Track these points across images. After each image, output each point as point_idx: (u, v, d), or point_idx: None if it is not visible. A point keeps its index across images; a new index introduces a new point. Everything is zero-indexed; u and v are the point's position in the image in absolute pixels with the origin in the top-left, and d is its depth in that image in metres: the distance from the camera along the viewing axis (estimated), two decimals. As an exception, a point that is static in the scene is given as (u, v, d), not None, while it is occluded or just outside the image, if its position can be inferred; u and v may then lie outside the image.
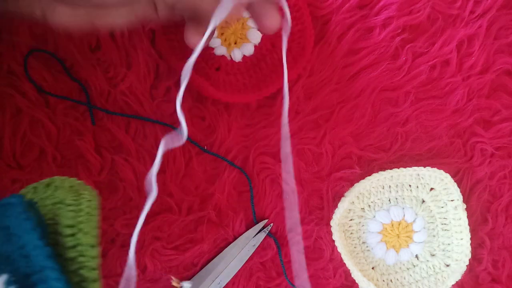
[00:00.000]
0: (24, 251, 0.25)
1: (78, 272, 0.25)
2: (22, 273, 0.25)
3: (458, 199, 0.42)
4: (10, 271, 0.25)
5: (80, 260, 0.26)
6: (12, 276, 0.25)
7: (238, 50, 0.41)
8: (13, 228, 0.26)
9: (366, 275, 0.42)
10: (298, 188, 0.42)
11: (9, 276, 0.25)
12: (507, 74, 0.45)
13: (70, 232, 0.26)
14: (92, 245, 0.26)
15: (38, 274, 0.25)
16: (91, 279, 0.25)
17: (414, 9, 0.43)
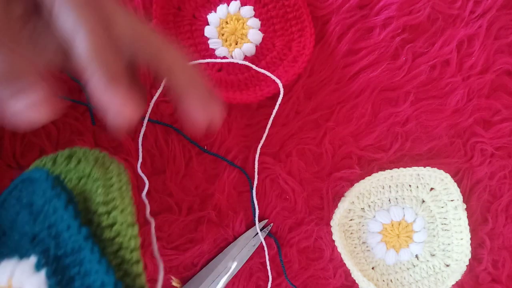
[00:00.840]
0: (53, 230, 0.23)
1: (118, 254, 0.23)
2: (53, 255, 0.23)
3: (458, 199, 0.42)
4: (39, 252, 0.23)
5: (119, 241, 0.23)
6: (42, 258, 0.23)
7: (239, 50, 0.41)
8: (39, 206, 0.24)
9: (366, 275, 0.42)
10: (298, 188, 0.42)
11: (39, 257, 0.23)
12: (507, 74, 0.45)
13: (104, 210, 0.23)
14: (130, 223, 0.24)
15: (72, 256, 0.22)
16: (132, 261, 0.23)
17: (414, 9, 0.43)
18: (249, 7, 0.41)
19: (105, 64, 0.22)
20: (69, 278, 0.22)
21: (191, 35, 0.41)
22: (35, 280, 0.22)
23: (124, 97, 0.22)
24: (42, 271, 0.22)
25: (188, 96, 0.27)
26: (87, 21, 0.22)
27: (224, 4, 0.41)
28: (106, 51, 0.23)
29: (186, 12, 0.41)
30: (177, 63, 0.27)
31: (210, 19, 0.41)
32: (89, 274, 0.22)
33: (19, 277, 0.22)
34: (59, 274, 0.22)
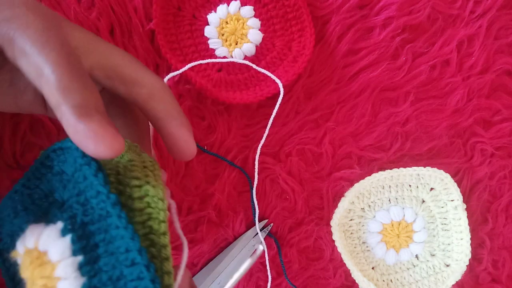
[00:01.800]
0: (81, 198, 0.23)
1: (146, 224, 0.23)
2: (79, 222, 0.23)
3: (458, 199, 0.42)
4: (66, 218, 0.24)
5: (149, 211, 0.23)
6: (69, 224, 0.23)
7: (239, 50, 0.41)
8: (69, 174, 0.24)
9: (366, 275, 0.42)
10: (298, 188, 0.42)
11: (65, 223, 0.23)
12: (507, 74, 0.45)
13: (137, 183, 0.24)
14: (161, 197, 0.24)
15: (98, 224, 0.23)
16: (160, 232, 0.23)
17: (414, 9, 0.43)
18: (249, 7, 0.41)
19: (73, 98, 0.21)
20: (93, 244, 0.23)
21: (191, 35, 0.41)
22: (60, 244, 0.23)
23: (97, 132, 0.21)
24: (68, 237, 0.23)
25: (172, 122, 0.26)
26: (49, 59, 0.21)
27: (224, 4, 0.41)
28: (74, 85, 0.21)
29: (186, 12, 0.41)
30: (157, 88, 0.25)
31: (210, 19, 0.41)
32: (114, 240, 0.22)
33: (45, 240, 0.23)
34: (83, 240, 0.23)
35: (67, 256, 0.23)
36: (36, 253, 0.23)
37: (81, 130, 0.21)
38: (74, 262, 0.23)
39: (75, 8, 0.38)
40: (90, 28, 0.38)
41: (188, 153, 0.26)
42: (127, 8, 0.40)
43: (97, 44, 0.25)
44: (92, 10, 0.38)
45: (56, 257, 0.23)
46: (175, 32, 0.41)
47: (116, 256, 0.22)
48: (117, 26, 0.39)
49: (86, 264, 0.23)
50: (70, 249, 0.23)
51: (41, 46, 0.21)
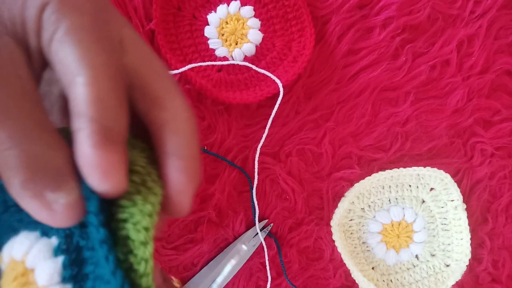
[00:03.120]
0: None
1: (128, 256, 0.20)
2: (75, 243, 0.20)
3: (458, 199, 0.42)
4: (62, 235, 0.20)
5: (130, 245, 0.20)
6: (64, 244, 0.20)
7: (239, 50, 0.41)
8: None
9: (366, 275, 0.42)
10: (298, 188, 0.42)
11: (61, 241, 0.20)
12: (507, 74, 0.45)
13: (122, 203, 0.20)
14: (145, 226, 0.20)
15: (92, 252, 0.20)
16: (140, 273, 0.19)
17: (414, 9, 0.43)
18: (249, 7, 0.41)
19: (104, 118, 0.18)
20: (84, 275, 0.20)
21: (191, 35, 0.41)
22: (50, 266, 0.20)
23: (113, 163, 0.18)
24: (60, 258, 0.20)
25: (175, 162, 0.20)
26: (93, 60, 0.18)
27: (224, 4, 0.41)
28: (110, 102, 0.18)
29: (186, 12, 0.41)
30: (179, 117, 0.20)
31: (210, 19, 0.41)
32: (102, 280, 0.19)
33: (35, 256, 0.20)
34: (76, 267, 0.20)
35: (56, 283, 0.20)
36: (21, 268, 0.20)
37: (95, 156, 0.17)
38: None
39: (75, 8, 0.38)
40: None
41: (177, 209, 0.20)
42: (127, 8, 0.40)
43: (138, 47, 0.21)
44: (92, 10, 0.38)
45: (43, 281, 0.20)
46: (175, 32, 0.41)
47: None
48: (117, 26, 0.39)
49: None
50: (60, 275, 0.20)
51: (90, 39, 0.18)
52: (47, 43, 0.18)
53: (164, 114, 0.20)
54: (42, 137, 0.17)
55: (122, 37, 0.20)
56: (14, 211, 0.22)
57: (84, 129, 0.17)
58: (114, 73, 0.18)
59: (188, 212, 0.21)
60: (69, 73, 0.18)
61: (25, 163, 0.17)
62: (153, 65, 0.21)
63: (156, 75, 0.21)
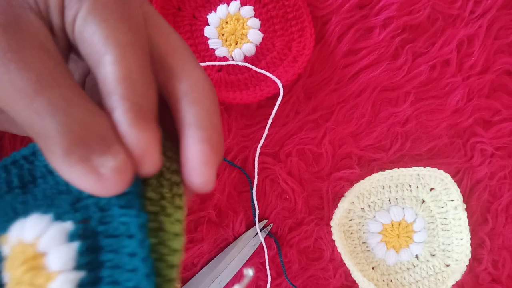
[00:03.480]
0: (103, 200, 0.19)
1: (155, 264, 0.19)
2: (92, 229, 0.19)
3: (458, 199, 0.42)
4: (78, 219, 0.19)
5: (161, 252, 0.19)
6: (81, 229, 0.19)
7: (239, 50, 0.41)
8: None
9: (366, 275, 0.42)
10: (298, 188, 0.42)
11: (77, 227, 0.19)
12: (507, 74, 0.45)
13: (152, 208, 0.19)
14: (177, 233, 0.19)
15: (112, 239, 0.19)
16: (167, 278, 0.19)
17: (414, 9, 0.43)
18: (249, 7, 0.41)
19: (135, 95, 0.17)
20: (99, 263, 0.19)
21: (191, 35, 0.41)
22: (65, 251, 0.19)
23: (150, 141, 0.18)
24: (75, 244, 0.19)
25: (196, 133, 0.19)
26: (119, 38, 0.17)
27: (224, 4, 0.41)
28: (139, 80, 0.18)
29: (186, 12, 0.41)
30: (199, 87, 0.20)
31: (210, 19, 0.41)
32: (123, 268, 0.18)
33: (49, 240, 0.19)
34: (91, 254, 0.19)
35: (69, 269, 0.19)
36: (32, 252, 0.19)
37: (133, 133, 0.17)
38: (75, 278, 0.19)
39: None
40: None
41: (199, 181, 0.19)
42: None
43: (157, 22, 0.20)
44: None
45: (57, 266, 0.19)
46: (175, 32, 0.41)
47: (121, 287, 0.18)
48: (117, 26, 0.39)
49: (87, 285, 0.19)
50: (74, 261, 0.19)
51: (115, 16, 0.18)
52: (71, 22, 0.18)
53: (184, 85, 0.20)
54: (83, 103, 0.17)
55: (143, 13, 0.20)
56: (18, 193, 0.21)
57: (118, 108, 0.17)
58: (140, 50, 0.18)
59: (212, 187, 0.20)
60: (95, 52, 0.17)
61: (69, 128, 0.16)
62: (172, 38, 0.21)
63: (175, 48, 0.20)
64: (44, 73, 0.17)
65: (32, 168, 0.21)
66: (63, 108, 0.16)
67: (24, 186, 0.21)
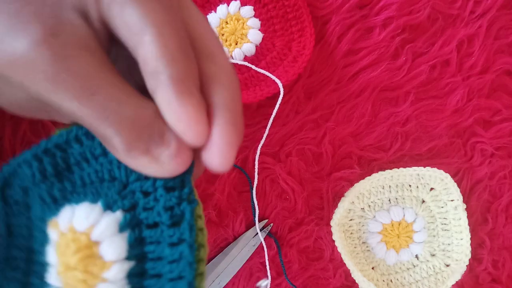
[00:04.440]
0: (147, 183, 0.19)
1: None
2: (137, 217, 0.19)
3: (458, 199, 0.42)
4: (127, 207, 0.19)
5: None
6: (129, 218, 0.19)
7: (239, 50, 0.41)
8: None
9: (366, 275, 0.42)
10: (298, 188, 0.42)
11: (126, 216, 0.19)
12: (507, 74, 0.45)
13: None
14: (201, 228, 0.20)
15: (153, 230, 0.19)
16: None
17: (414, 9, 0.43)
18: (249, 7, 0.41)
19: (177, 71, 0.18)
20: (144, 253, 0.19)
21: (191, 35, 0.41)
22: (118, 241, 0.19)
23: (196, 113, 0.18)
24: (126, 234, 0.19)
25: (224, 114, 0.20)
26: (156, 18, 0.18)
27: (224, 4, 0.41)
28: (179, 55, 0.18)
29: (186, 12, 0.41)
30: (226, 70, 0.21)
31: (210, 19, 0.41)
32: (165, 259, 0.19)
33: (103, 230, 0.19)
34: (139, 245, 0.19)
35: (122, 258, 0.19)
36: (86, 240, 0.19)
37: (179, 107, 0.18)
38: (127, 268, 0.19)
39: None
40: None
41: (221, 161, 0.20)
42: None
43: (189, 5, 0.21)
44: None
45: (111, 256, 0.19)
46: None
47: (163, 282, 0.18)
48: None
49: (135, 275, 0.19)
50: (126, 251, 0.19)
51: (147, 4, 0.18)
52: (107, 7, 0.18)
53: (214, 67, 0.20)
54: (130, 99, 0.18)
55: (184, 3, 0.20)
56: (53, 181, 0.21)
57: (163, 85, 0.18)
58: (178, 28, 0.19)
59: (230, 167, 0.21)
60: (134, 34, 0.18)
61: (124, 127, 0.18)
62: (202, 21, 0.21)
63: (207, 31, 0.21)
64: (91, 77, 0.17)
65: (66, 156, 0.21)
66: (114, 109, 0.17)
67: (59, 174, 0.21)
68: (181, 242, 0.19)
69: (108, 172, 0.20)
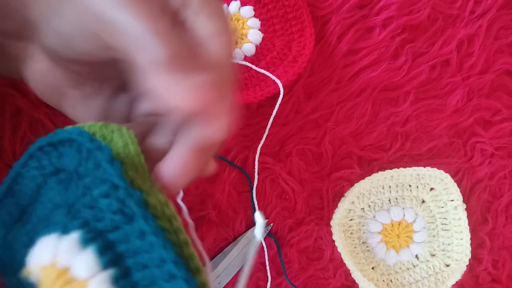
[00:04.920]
0: (86, 198, 0.19)
1: None
2: (95, 229, 0.19)
3: (458, 199, 0.42)
4: (78, 226, 0.19)
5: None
6: (86, 233, 0.19)
7: (239, 50, 0.41)
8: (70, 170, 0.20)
9: (366, 275, 0.42)
10: (298, 188, 0.42)
11: (82, 232, 0.19)
12: (507, 74, 0.45)
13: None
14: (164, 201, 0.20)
15: (116, 232, 0.19)
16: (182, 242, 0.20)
17: (414, 9, 0.43)
18: (249, 7, 0.41)
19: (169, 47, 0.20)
20: (120, 255, 0.19)
21: (191, 35, 0.41)
22: (84, 258, 0.19)
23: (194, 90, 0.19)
24: (90, 248, 0.19)
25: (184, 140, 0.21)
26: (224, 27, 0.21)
27: (224, 4, 0.41)
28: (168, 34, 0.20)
29: (186, 12, 0.41)
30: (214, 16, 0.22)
31: (210, 19, 0.41)
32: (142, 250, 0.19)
33: (65, 255, 0.19)
34: (109, 250, 0.19)
35: (97, 271, 0.19)
36: (56, 271, 0.19)
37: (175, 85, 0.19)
38: (107, 277, 0.19)
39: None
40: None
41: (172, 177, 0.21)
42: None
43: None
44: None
45: (84, 274, 0.19)
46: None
47: (151, 270, 0.19)
48: (117, 26, 0.39)
49: (121, 278, 0.19)
50: (97, 263, 0.19)
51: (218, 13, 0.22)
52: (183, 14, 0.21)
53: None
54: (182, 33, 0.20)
55: None
56: (18, 227, 0.22)
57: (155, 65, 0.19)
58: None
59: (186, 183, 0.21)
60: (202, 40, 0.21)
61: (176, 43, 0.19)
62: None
63: None
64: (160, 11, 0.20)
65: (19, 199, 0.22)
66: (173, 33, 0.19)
67: (20, 220, 0.22)
68: (144, 234, 0.19)
69: (52, 201, 0.21)
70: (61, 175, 0.21)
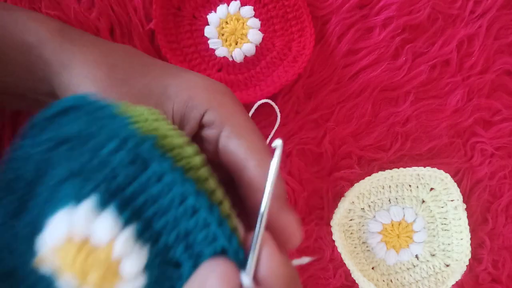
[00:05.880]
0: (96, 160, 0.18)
1: None
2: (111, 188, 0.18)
3: (458, 199, 0.42)
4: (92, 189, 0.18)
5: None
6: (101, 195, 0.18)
7: (239, 50, 0.41)
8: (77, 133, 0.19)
9: (366, 275, 0.42)
10: (298, 188, 0.42)
11: (97, 196, 0.18)
12: (507, 74, 0.45)
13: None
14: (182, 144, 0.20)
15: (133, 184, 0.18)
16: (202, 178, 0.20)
17: (414, 9, 0.43)
18: (249, 7, 0.41)
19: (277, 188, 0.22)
20: (139, 207, 0.19)
21: (191, 35, 0.41)
22: (103, 222, 0.18)
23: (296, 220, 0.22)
24: (108, 210, 0.18)
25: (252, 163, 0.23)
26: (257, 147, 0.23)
27: (224, 4, 0.41)
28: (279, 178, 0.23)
29: (186, 12, 0.41)
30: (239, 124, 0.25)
31: (210, 19, 0.41)
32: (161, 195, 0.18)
33: (82, 222, 0.18)
34: (127, 206, 0.18)
35: (119, 230, 0.18)
36: (75, 243, 0.18)
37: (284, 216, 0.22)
38: (130, 233, 0.18)
39: (75, 8, 0.38)
40: (90, 28, 0.38)
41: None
42: (127, 8, 0.40)
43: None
44: (92, 10, 0.38)
45: (107, 237, 0.18)
46: (175, 32, 0.41)
47: (173, 212, 0.18)
48: (117, 26, 0.39)
49: (145, 230, 0.19)
50: (118, 222, 0.18)
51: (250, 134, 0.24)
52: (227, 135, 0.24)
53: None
54: None
55: None
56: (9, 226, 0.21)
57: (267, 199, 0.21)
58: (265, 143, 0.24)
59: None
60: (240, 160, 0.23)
61: None
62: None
63: None
64: None
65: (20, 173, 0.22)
66: None
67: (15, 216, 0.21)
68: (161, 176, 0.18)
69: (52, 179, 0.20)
70: (62, 147, 0.20)
